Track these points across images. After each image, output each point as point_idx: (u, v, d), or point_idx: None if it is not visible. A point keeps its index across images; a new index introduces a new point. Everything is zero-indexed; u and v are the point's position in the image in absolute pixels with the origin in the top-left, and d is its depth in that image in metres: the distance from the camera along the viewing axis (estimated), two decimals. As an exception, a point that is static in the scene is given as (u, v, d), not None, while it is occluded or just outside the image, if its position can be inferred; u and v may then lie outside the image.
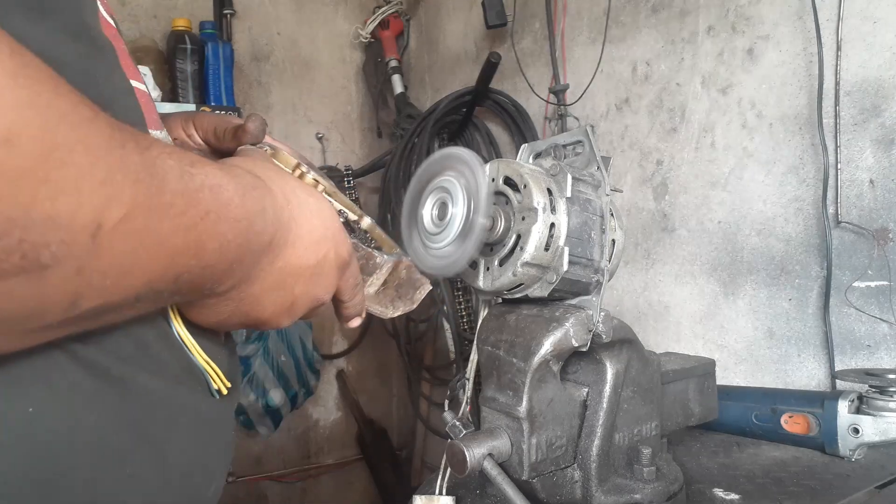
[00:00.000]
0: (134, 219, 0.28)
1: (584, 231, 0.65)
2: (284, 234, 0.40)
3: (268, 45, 2.23)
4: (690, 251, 1.36)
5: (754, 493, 0.77)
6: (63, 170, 0.24)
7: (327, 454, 2.37)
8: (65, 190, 0.25)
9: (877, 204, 1.06)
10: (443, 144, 1.97)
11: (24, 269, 0.25)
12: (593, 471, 0.67)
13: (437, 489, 0.73)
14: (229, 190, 0.34)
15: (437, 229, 0.60)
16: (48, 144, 0.24)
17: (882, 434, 0.83)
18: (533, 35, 1.79)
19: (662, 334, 1.41)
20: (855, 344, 1.09)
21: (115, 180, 0.27)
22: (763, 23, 1.22)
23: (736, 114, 1.27)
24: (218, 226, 0.33)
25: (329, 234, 0.44)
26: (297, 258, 0.42)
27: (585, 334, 0.65)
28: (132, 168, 0.28)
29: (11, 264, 0.24)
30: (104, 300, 0.29)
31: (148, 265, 0.30)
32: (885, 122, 1.05)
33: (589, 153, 0.71)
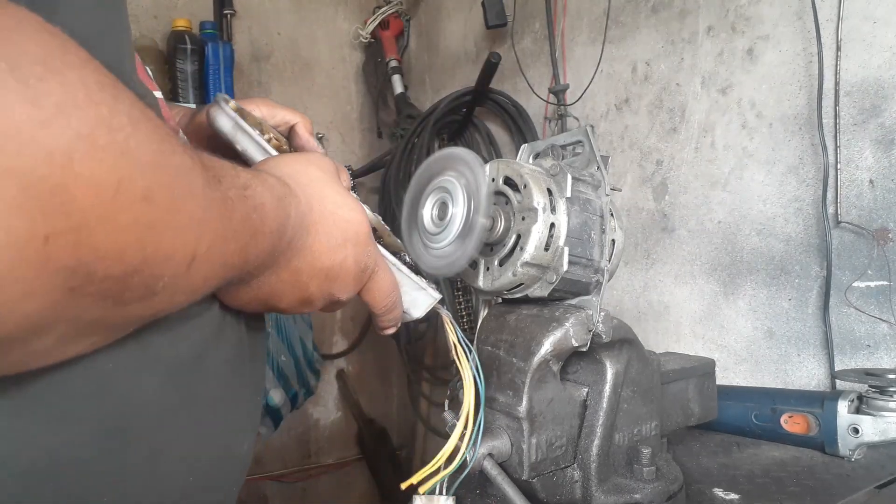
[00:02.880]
0: (215, 246, 0.32)
1: (584, 231, 0.65)
2: (303, 238, 0.44)
3: (268, 45, 2.23)
4: (690, 251, 1.36)
5: (754, 492, 0.77)
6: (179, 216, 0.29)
7: (327, 454, 2.37)
8: (178, 233, 0.29)
9: (876, 204, 1.06)
10: (443, 144, 1.97)
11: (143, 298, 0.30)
12: (593, 471, 0.67)
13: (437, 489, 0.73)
14: (268, 206, 0.39)
15: (438, 229, 0.60)
16: (172, 197, 0.29)
17: (882, 434, 0.83)
18: (533, 35, 1.79)
19: (662, 334, 1.41)
20: (855, 344, 1.09)
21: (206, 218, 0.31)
22: (763, 23, 1.22)
23: (736, 114, 1.27)
24: (259, 241, 0.38)
25: (349, 243, 0.47)
26: (313, 259, 0.45)
27: (585, 334, 0.65)
28: (215, 204, 0.32)
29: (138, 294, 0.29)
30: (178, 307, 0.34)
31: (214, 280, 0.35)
32: (884, 122, 1.05)
33: (589, 153, 0.71)
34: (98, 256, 0.26)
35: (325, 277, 0.46)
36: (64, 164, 0.23)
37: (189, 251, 0.30)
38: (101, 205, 0.25)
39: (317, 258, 0.45)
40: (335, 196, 0.48)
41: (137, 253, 0.27)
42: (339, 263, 0.47)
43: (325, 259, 0.46)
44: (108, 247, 0.26)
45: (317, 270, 0.46)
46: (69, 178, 0.24)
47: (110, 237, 0.26)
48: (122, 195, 0.26)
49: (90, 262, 0.25)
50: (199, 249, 0.31)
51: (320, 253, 0.45)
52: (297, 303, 0.47)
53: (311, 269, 0.45)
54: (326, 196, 0.47)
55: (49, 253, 0.24)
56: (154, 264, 0.28)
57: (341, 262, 0.47)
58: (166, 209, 0.28)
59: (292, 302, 0.46)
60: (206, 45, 1.88)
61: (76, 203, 0.24)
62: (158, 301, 0.31)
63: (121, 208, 0.26)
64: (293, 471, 2.26)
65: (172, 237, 0.29)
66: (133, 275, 0.28)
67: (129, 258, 0.27)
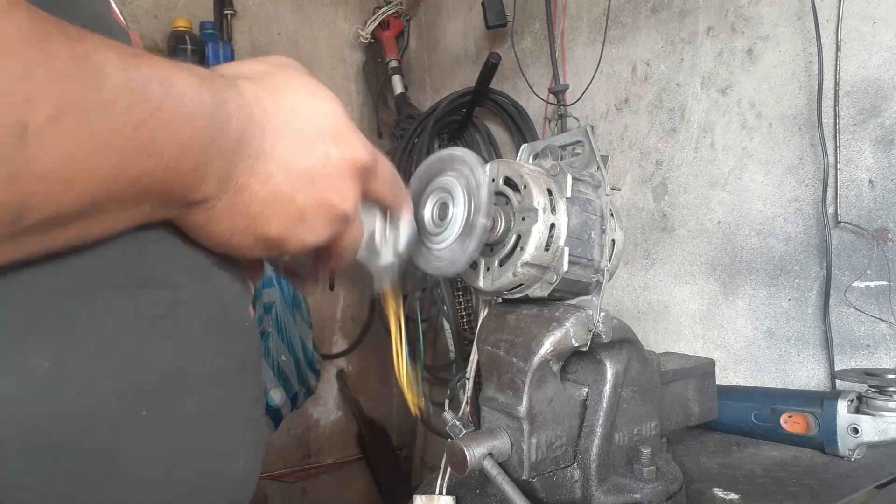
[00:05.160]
0: (66, 118, 0.25)
1: (584, 231, 0.66)
2: (259, 135, 0.36)
3: (268, 45, 2.23)
4: (690, 251, 1.36)
5: (754, 492, 0.77)
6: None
7: (327, 454, 2.38)
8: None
9: (876, 204, 1.06)
10: (443, 145, 1.97)
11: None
12: (593, 470, 0.67)
13: (437, 489, 0.73)
14: (181, 83, 0.31)
15: (438, 229, 0.60)
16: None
17: (881, 434, 0.83)
18: (533, 35, 1.79)
19: (662, 334, 1.41)
20: (854, 344, 1.09)
21: (34, 77, 0.24)
22: (762, 23, 1.22)
23: (735, 114, 1.27)
24: (172, 122, 0.30)
25: (325, 135, 0.39)
26: (283, 161, 0.37)
27: (585, 334, 0.65)
28: (58, 63, 0.25)
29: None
30: (54, 209, 0.27)
31: (95, 167, 0.27)
32: (884, 122, 1.05)
33: (589, 153, 0.71)
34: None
35: (311, 182, 0.38)
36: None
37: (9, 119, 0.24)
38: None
39: (289, 159, 0.37)
40: (296, 84, 0.39)
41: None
42: (321, 161, 0.39)
43: (301, 159, 0.38)
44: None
45: (295, 174, 0.38)
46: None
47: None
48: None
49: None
50: (32, 119, 0.24)
51: (291, 151, 0.37)
52: (291, 224, 0.38)
53: (287, 173, 0.37)
54: (280, 86, 0.39)
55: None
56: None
57: (324, 159, 0.39)
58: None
59: (285, 225, 0.38)
60: (207, 46, 1.88)
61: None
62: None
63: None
64: (293, 470, 2.26)
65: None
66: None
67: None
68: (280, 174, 0.37)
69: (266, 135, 0.36)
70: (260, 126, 0.36)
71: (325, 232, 0.41)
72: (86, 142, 0.27)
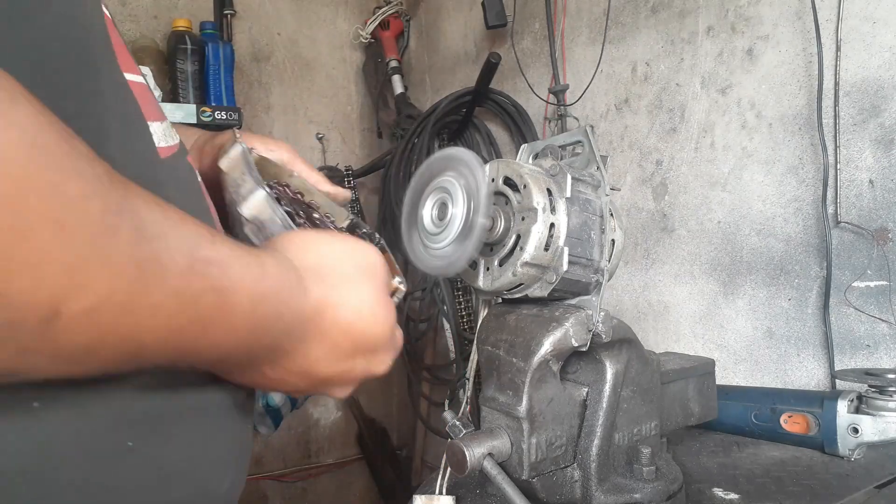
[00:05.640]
0: (103, 312, 0.25)
1: (584, 231, 0.66)
2: (297, 343, 0.38)
3: (268, 45, 2.23)
4: (690, 251, 1.36)
5: (754, 492, 0.77)
6: (24, 247, 0.22)
7: (327, 454, 2.38)
8: (20, 269, 0.22)
9: (876, 204, 1.06)
10: (443, 145, 1.97)
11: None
12: (593, 470, 0.67)
13: (437, 489, 0.73)
14: (240, 294, 0.31)
15: (437, 229, 0.60)
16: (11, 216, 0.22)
17: (881, 434, 0.83)
18: (533, 35, 1.79)
19: (662, 334, 1.41)
20: (854, 344, 1.09)
21: (86, 269, 0.24)
22: (762, 23, 1.22)
23: (735, 114, 1.27)
24: (210, 331, 0.30)
25: (359, 354, 0.41)
26: (309, 367, 0.39)
27: (585, 334, 0.65)
28: (117, 259, 0.25)
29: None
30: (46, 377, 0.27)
31: (108, 356, 0.27)
32: (884, 122, 1.05)
33: (588, 153, 0.71)
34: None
35: (321, 383, 0.41)
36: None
37: (44, 302, 0.23)
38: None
39: (313, 366, 0.39)
40: (360, 300, 0.40)
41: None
42: (340, 374, 0.41)
43: (325, 369, 0.40)
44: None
45: (311, 377, 0.40)
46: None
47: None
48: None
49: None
50: (69, 307, 0.24)
51: (318, 362, 0.39)
52: (286, 391, 0.42)
53: (303, 374, 0.39)
54: (350, 300, 0.40)
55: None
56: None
57: (344, 373, 0.41)
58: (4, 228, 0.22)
59: (281, 391, 0.41)
60: (207, 46, 1.88)
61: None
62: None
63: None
64: (293, 470, 2.26)
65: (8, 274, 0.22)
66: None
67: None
68: (300, 373, 0.39)
69: (304, 343, 0.38)
70: (301, 337, 0.38)
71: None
72: (112, 336, 0.26)
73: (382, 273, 0.43)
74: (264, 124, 2.21)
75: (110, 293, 0.25)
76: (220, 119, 1.82)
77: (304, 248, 0.40)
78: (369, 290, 0.41)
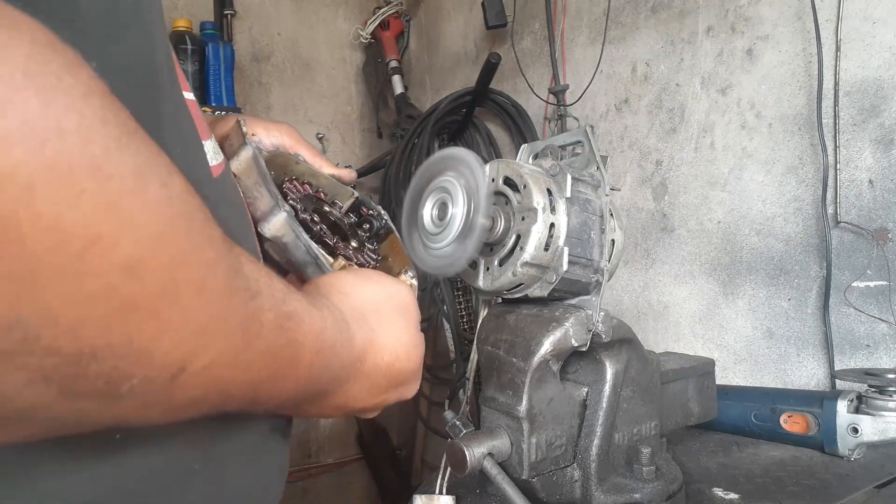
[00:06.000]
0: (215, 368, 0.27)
1: (584, 231, 0.66)
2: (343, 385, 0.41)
3: (268, 45, 2.23)
4: (690, 251, 1.36)
5: (753, 492, 0.77)
6: (173, 310, 0.24)
7: (327, 454, 2.38)
8: (167, 330, 0.24)
9: (876, 204, 1.06)
10: (443, 145, 1.97)
11: (102, 395, 0.24)
12: (593, 470, 0.67)
13: (437, 488, 0.73)
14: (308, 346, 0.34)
15: (437, 229, 0.60)
16: (172, 285, 0.24)
17: (881, 434, 0.83)
18: (533, 35, 1.79)
19: (662, 334, 1.41)
20: (854, 344, 1.09)
21: (213, 330, 0.26)
22: (762, 23, 1.22)
23: (735, 114, 1.27)
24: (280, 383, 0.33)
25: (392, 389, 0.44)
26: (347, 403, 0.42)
27: (585, 334, 0.65)
28: (232, 321, 0.27)
29: (94, 388, 0.23)
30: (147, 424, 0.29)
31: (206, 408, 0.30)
32: (884, 122, 1.05)
33: (588, 153, 0.71)
34: (44, 319, 0.21)
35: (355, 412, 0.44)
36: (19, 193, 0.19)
37: (177, 360, 0.25)
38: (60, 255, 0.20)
39: (350, 403, 0.42)
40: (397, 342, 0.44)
41: (100, 333, 0.22)
42: (377, 404, 0.45)
43: (363, 403, 0.43)
44: (60, 311, 0.21)
45: (346, 410, 0.43)
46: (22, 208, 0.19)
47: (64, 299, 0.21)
48: (94, 255, 0.21)
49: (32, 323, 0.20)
50: (194, 364, 0.26)
51: (356, 399, 0.43)
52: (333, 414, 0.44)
53: (340, 408, 0.43)
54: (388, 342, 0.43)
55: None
56: (123, 357, 0.23)
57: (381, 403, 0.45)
58: (158, 295, 0.23)
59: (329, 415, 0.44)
60: (207, 46, 1.88)
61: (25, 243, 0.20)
62: (123, 407, 0.25)
63: (89, 270, 0.21)
64: (293, 470, 2.26)
65: (158, 334, 0.24)
66: (90, 360, 0.22)
67: (88, 336, 0.22)
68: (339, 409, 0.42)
69: (348, 383, 0.41)
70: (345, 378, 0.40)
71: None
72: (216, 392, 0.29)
73: (414, 311, 0.47)
74: (264, 124, 2.21)
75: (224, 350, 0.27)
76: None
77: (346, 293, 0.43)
78: (405, 329, 0.45)
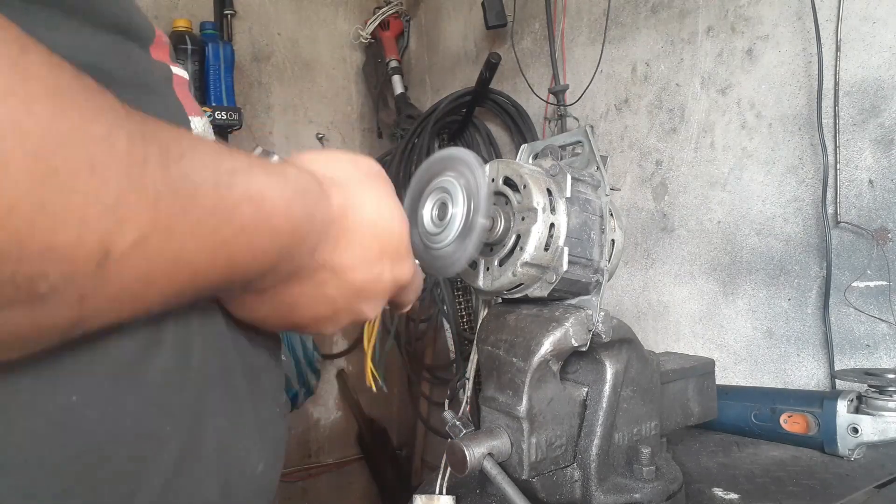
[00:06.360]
0: (150, 241, 0.25)
1: (584, 231, 0.66)
2: (332, 246, 0.38)
3: (268, 45, 2.23)
4: (690, 251, 1.36)
5: (754, 492, 0.77)
6: (64, 197, 0.22)
7: (327, 454, 2.38)
8: (66, 219, 0.22)
9: (876, 204, 1.06)
10: (443, 145, 1.97)
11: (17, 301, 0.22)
12: (593, 470, 0.67)
13: (437, 488, 0.73)
14: (273, 198, 0.32)
15: (437, 229, 0.60)
16: (46, 168, 0.21)
17: (881, 434, 0.83)
18: (533, 35, 1.79)
19: (662, 334, 1.41)
20: (854, 344, 1.09)
21: (128, 203, 0.24)
22: (762, 23, 1.22)
23: (735, 114, 1.27)
24: (255, 239, 0.31)
25: (386, 257, 0.42)
26: (343, 271, 0.39)
27: (585, 334, 0.65)
28: (152, 187, 0.25)
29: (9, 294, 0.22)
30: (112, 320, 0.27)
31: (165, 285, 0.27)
32: (884, 122, 1.05)
33: (588, 153, 0.71)
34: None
35: (356, 294, 0.41)
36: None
37: (93, 245, 0.23)
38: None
39: (348, 272, 0.39)
40: (377, 201, 0.42)
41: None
42: (373, 280, 0.41)
43: (359, 274, 0.40)
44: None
45: (347, 285, 0.40)
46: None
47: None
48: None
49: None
50: (116, 244, 0.24)
51: (353, 267, 0.40)
52: (320, 320, 0.41)
53: (340, 283, 0.39)
54: (367, 201, 0.41)
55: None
56: (24, 259, 0.22)
57: (376, 279, 0.41)
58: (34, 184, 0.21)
59: (314, 318, 0.41)
60: (207, 46, 1.88)
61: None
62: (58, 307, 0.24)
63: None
64: (293, 470, 2.26)
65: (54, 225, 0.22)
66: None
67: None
68: (334, 281, 0.39)
69: (338, 247, 0.38)
70: (335, 238, 0.38)
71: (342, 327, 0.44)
72: (164, 263, 0.26)
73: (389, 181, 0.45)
74: (264, 124, 2.21)
75: (153, 221, 0.25)
76: (220, 119, 1.82)
77: (313, 161, 0.40)
78: (381, 191, 0.42)
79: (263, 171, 0.32)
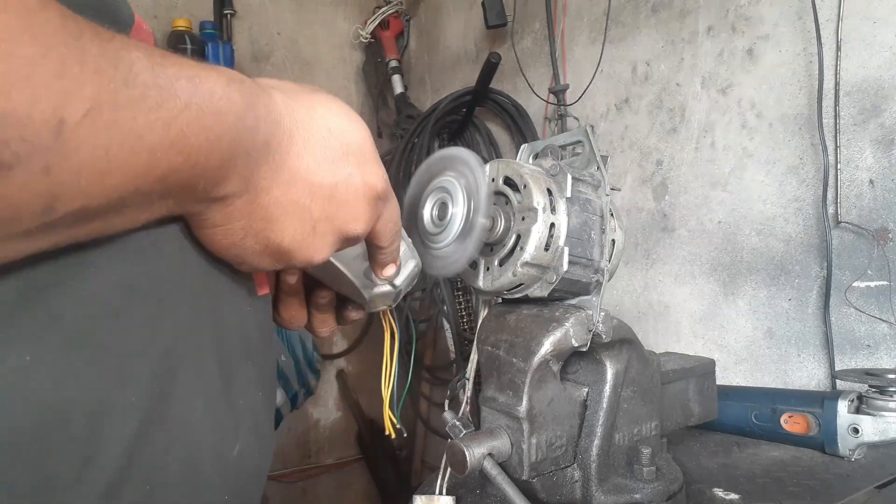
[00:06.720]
0: (101, 113, 0.26)
1: (584, 231, 0.66)
2: (287, 142, 0.37)
3: (268, 45, 2.23)
4: (690, 251, 1.36)
5: (754, 492, 0.77)
6: (9, 62, 0.23)
7: (327, 454, 2.38)
8: (15, 84, 0.23)
9: (876, 204, 1.06)
10: (443, 144, 1.97)
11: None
12: (593, 470, 0.67)
13: (437, 489, 0.73)
14: (209, 81, 0.32)
15: (437, 229, 0.60)
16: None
17: (882, 434, 0.83)
18: (533, 35, 1.79)
19: (662, 334, 1.41)
20: (855, 344, 1.09)
21: (71, 73, 0.25)
22: (763, 23, 1.22)
23: (736, 114, 1.27)
24: (201, 119, 0.31)
25: (351, 156, 0.40)
26: (308, 172, 0.38)
27: (585, 334, 0.65)
28: (91, 59, 0.26)
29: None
30: (83, 202, 0.28)
31: (126, 162, 0.28)
32: (884, 122, 1.05)
33: (589, 153, 0.71)
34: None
35: (330, 198, 0.39)
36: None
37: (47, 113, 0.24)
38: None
39: (313, 171, 0.38)
40: (327, 104, 0.40)
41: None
42: (343, 180, 0.40)
43: (325, 174, 0.39)
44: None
45: (316, 187, 0.38)
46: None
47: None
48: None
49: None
50: (69, 113, 0.25)
51: (316, 165, 0.38)
52: (303, 234, 0.39)
53: (309, 185, 0.38)
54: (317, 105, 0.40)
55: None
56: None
57: (346, 180, 0.40)
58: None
59: (297, 234, 0.39)
60: (207, 45, 1.88)
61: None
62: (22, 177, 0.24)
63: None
64: (293, 471, 2.26)
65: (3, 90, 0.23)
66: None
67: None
68: (302, 184, 0.38)
69: (294, 144, 0.37)
70: (288, 134, 0.37)
71: (330, 251, 0.42)
72: (119, 137, 0.27)
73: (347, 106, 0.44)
74: (264, 124, 2.21)
75: (98, 90, 0.26)
76: (219, 119, 1.82)
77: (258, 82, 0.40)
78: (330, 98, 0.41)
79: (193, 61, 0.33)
